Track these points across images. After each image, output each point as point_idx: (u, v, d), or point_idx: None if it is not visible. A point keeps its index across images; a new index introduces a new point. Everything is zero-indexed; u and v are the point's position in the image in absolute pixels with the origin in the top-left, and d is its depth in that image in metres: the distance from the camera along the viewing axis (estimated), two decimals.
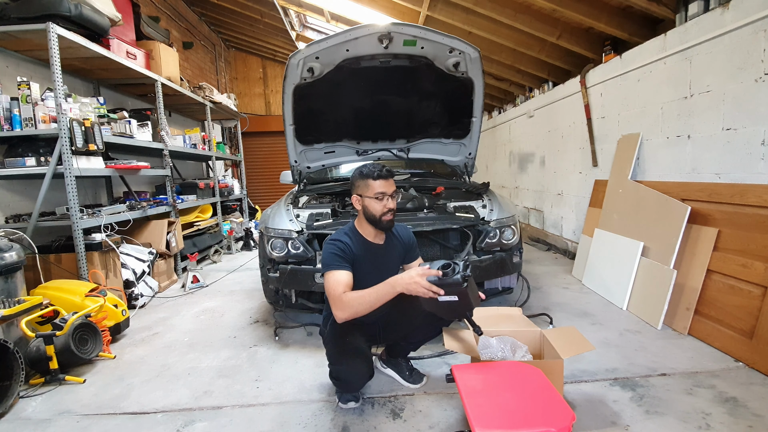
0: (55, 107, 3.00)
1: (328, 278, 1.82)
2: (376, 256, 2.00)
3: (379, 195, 1.91)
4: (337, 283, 1.79)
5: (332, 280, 1.80)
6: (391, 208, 1.93)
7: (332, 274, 1.82)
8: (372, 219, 1.94)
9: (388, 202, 1.92)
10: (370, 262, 1.95)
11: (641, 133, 3.49)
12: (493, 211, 2.93)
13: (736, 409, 1.88)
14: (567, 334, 1.98)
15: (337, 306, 1.76)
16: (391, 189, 1.94)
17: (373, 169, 1.93)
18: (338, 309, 1.75)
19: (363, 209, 1.95)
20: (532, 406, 1.42)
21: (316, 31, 7.86)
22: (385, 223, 1.94)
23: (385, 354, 2.31)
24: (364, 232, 2.01)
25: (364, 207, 1.95)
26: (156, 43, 4.62)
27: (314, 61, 3.04)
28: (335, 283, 1.79)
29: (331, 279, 1.81)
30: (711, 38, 2.75)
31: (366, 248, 1.98)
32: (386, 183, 1.93)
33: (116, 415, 2.05)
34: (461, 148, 3.90)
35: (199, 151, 5.62)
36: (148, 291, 3.82)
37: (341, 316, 1.75)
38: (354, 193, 1.98)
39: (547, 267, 4.52)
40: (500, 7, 4.08)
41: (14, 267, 2.45)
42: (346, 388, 2.02)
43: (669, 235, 2.87)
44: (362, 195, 1.94)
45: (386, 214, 1.93)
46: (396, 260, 2.12)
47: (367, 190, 1.92)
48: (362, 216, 1.98)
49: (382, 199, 1.91)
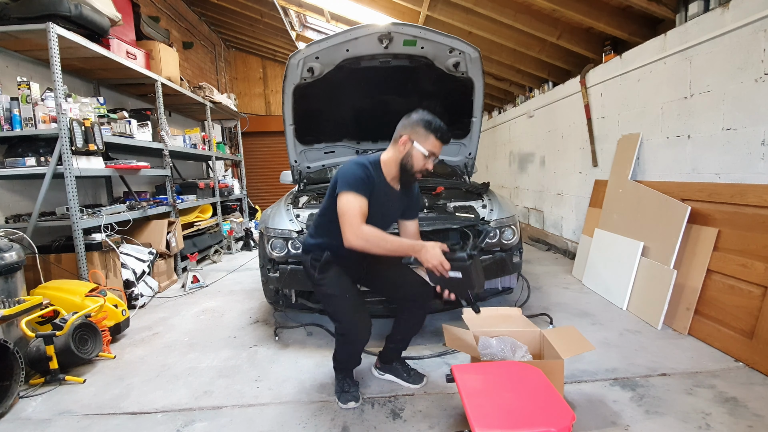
0: (55, 107, 3.00)
1: (351, 200, 1.75)
2: (386, 199, 1.96)
3: (431, 153, 1.88)
4: (360, 209, 1.76)
5: (356, 204, 1.75)
6: (429, 169, 1.92)
7: (356, 197, 1.76)
8: (406, 167, 1.90)
9: (430, 163, 1.91)
10: (378, 203, 1.89)
11: (641, 133, 3.49)
12: (493, 211, 2.93)
13: (736, 409, 1.88)
14: (567, 334, 1.98)
15: (354, 232, 1.73)
16: (440, 153, 1.92)
17: (440, 128, 1.86)
18: (354, 235, 1.73)
19: (405, 154, 1.89)
20: (532, 406, 1.42)
21: (316, 31, 7.86)
22: (415, 177, 1.93)
23: (378, 362, 2.31)
24: (387, 171, 1.94)
25: (408, 153, 1.88)
26: (156, 43, 4.62)
27: (314, 61, 3.04)
28: (358, 209, 1.75)
29: (354, 202, 1.75)
30: (711, 38, 2.75)
31: (382, 187, 1.92)
32: (442, 147, 1.92)
33: (116, 415, 2.05)
34: (461, 148, 3.90)
35: (199, 151, 5.62)
36: (148, 291, 3.82)
37: (353, 243, 1.74)
38: (405, 134, 1.88)
39: (547, 267, 4.52)
40: (500, 7, 4.08)
41: (14, 267, 2.45)
42: (355, 348, 2.02)
43: (669, 235, 2.87)
44: (415, 141, 1.87)
45: (422, 172, 1.92)
46: (398, 211, 2.10)
47: (423, 142, 1.86)
48: (397, 157, 1.91)
49: (429, 157, 1.88)
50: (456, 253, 1.70)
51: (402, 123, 1.93)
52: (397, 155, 1.92)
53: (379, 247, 1.75)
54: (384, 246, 1.75)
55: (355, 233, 1.74)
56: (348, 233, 1.74)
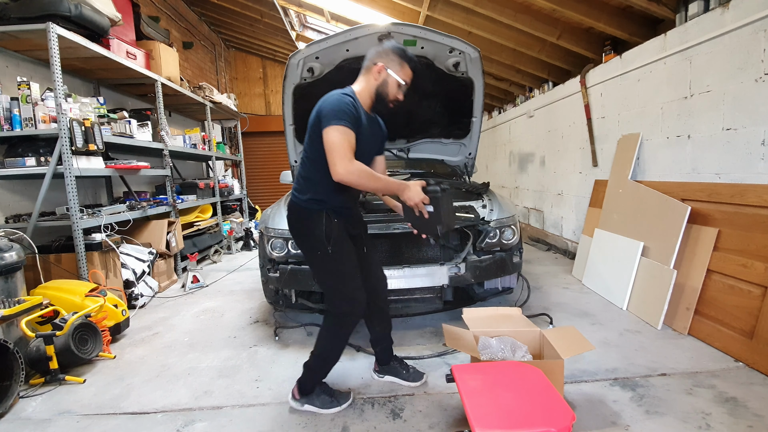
0: (55, 107, 3.00)
1: (343, 133, 1.67)
2: (370, 132, 1.91)
3: (405, 83, 1.86)
4: (350, 143, 1.69)
5: (348, 137, 1.68)
6: (400, 99, 1.89)
7: (346, 131, 1.69)
8: (381, 96, 1.86)
9: (401, 93, 1.88)
10: (365, 137, 1.84)
11: (641, 133, 3.49)
12: (493, 211, 2.93)
13: (736, 409, 1.88)
14: (567, 334, 1.98)
15: (346, 166, 1.66)
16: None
17: (413, 57, 1.85)
18: (345, 169, 1.66)
19: (380, 82, 1.85)
20: (532, 406, 1.42)
21: (316, 31, 7.86)
22: (388, 108, 1.90)
23: (377, 365, 2.30)
24: (362, 102, 1.88)
25: (383, 81, 1.84)
26: (156, 43, 4.62)
27: (314, 61, 3.04)
28: (348, 143, 1.68)
29: (346, 136, 1.68)
30: (711, 38, 2.75)
31: (365, 120, 1.85)
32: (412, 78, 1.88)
33: (116, 415, 2.05)
34: (461, 148, 3.90)
35: (199, 151, 5.62)
36: (148, 291, 3.82)
37: (344, 177, 1.67)
38: (380, 62, 1.83)
39: (547, 267, 4.52)
40: (500, 7, 4.08)
41: (14, 267, 2.45)
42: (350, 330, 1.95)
43: (669, 235, 2.87)
44: (389, 69, 1.83)
45: (394, 102, 1.89)
46: (377, 145, 2.04)
47: (399, 71, 1.84)
48: (371, 86, 1.86)
49: (402, 86, 1.86)
50: (429, 187, 1.78)
51: (374, 52, 1.87)
52: (371, 84, 1.86)
53: (368, 183, 1.72)
54: (374, 183, 1.73)
55: (347, 167, 1.66)
56: (339, 166, 1.66)
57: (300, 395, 2.01)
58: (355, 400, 2.08)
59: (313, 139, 1.80)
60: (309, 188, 1.88)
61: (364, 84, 1.89)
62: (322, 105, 1.77)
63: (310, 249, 1.92)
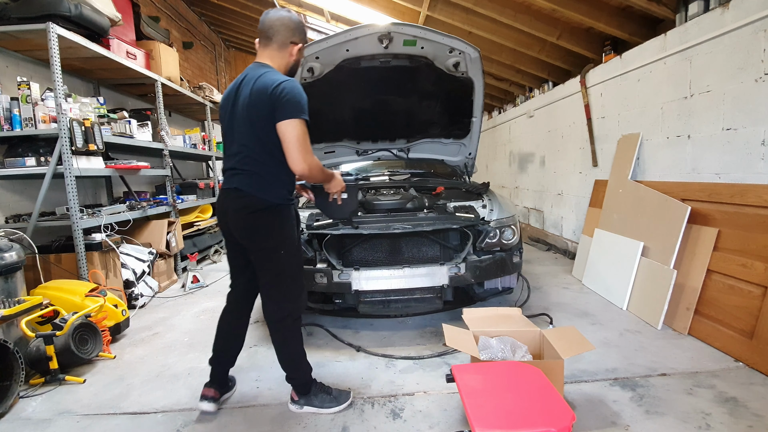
0: (55, 107, 3.00)
1: (303, 128, 1.71)
2: None
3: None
4: (307, 137, 1.73)
5: (306, 131, 1.72)
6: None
7: (304, 125, 1.72)
8: (293, 72, 1.90)
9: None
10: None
11: (641, 133, 3.49)
12: (493, 211, 2.93)
13: (736, 409, 1.88)
14: (567, 334, 1.98)
15: (307, 159, 1.71)
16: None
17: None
18: (306, 163, 1.71)
19: (295, 61, 1.88)
20: (532, 406, 1.42)
21: (316, 31, 7.85)
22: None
23: (215, 391, 2.05)
24: None
25: (296, 60, 1.89)
26: (156, 43, 4.62)
27: (314, 61, 3.04)
28: (307, 136, 1.72)
29: (305, 130, 1.72)
30: (711, 38, 2.75)
31: None
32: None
33: (116, 415, 2.05)
34: (461, 148, 3.90)
35: (199, 151, 5.62)
36: (148, 291, 3.82)
37: (303, 170, 1.72)
38: (293, 41, 1.83)
39: (547, 267, 4.52)
40: (500, 7, 4.08)
41: (14, 267, 2.45)
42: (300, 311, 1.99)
43: (669, 235, 2.87)
44: (301, 49, 1.88)
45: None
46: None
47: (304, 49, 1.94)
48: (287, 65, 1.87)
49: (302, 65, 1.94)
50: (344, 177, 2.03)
51: (284, 25, 1.82)
52: (287, 62, 1.87)
53: (320, 176, 1.85)
54: (321, 174, 1.84)
55: (308, 161, 1.71)
56: (305, 160, 1.70)
57: (299, 396, 2.01)
58: (355, 400, 2.08)
59: (268, 130, 1.72)
60: (271, 184, 1.81)
61: (278, 61, 1.84)
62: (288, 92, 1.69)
63: (273, 249, 1.85)
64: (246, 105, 1.75)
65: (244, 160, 1.80)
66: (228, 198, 1.86)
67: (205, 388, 2.02)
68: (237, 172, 1.82)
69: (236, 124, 1.80)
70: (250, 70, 1.82)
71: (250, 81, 1.76)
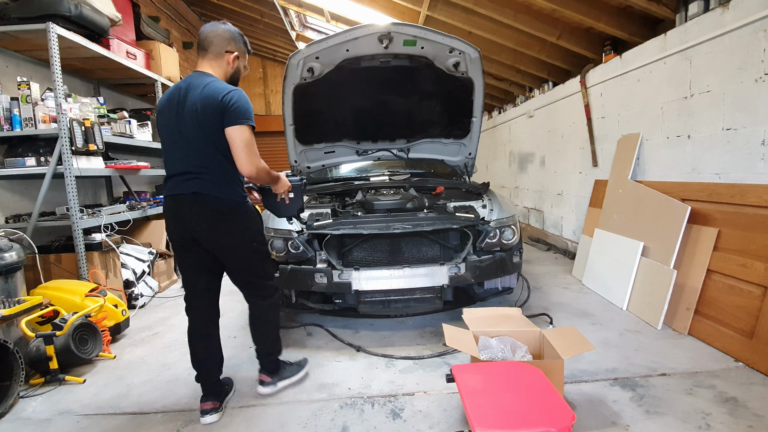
0: (55, 107, 3.00)
1: (250, 133, 1.82)
2: None
3: (247, 68, 2.10)
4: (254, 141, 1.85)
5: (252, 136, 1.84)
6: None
7: (251, 130, 1.83)
8: (235, 80, 2.00)
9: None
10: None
11: (641, 133, 3.49)
12: (493, 211, 2.93)
13: (736, 409, 1.88)
14: (567, 334, 1.98)
15: (255, 162, 1.82)
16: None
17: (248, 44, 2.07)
18: (254, 166, 1.82)
19: (234, 70, 1.99)
20: (532, 406, 1.42)
21: (316, 31, 7.86)
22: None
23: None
24: None
25: (236, 68, 2.00)
26: (156, 43, 4.62)
27: (314, 61, 3.04)
28: (254, 140, 1.85)
29: (252, 135, 1.83)
30: (711, 38, 2.75)
31: None
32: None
33: (116, 415, 2.05)
34: (461, 148, 3.90)
35: None
36: (148, 291, 3.82)
37: (251, 172, 1.83)
38: (228, 50, 1.94)
39: (547, 267, 4.52)
40: (500, 7, 4.08)
41: (14, 267, 2.45)
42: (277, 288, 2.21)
43: (669, 235, 2.87)
44: (239, 58, 1.99)
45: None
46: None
47: (244, 57, 2.04)
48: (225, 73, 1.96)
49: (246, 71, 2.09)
50: (291, 178, 2.14)
51: (218, 35, 1.93)
52: (225, 71, 1.97)
53: (265, 178, 1.94)
54: (267, 176, 1.95)
55: (255, 164, 1.83)
56: (252, 163, 1.81)
57: (271, 376, 2.17)
58: (355, 400, 2.08)
59: (219, 135, 1.82)
60: (228, 184, 1.91)
61: (218, 70, 1.95)
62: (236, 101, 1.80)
63: (247, 242, 1.99)
64: (196, 111, 1.81)
65: (199, 164, 1.86)
66: (186, 203, 1.88)
67: (202, 403, 1.99)
68: (192, 177, 1.86)
69: (185, 129, 1.85)
70: (193, 78, 1.90)
71: (197, 88, 1.83)
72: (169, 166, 1.93)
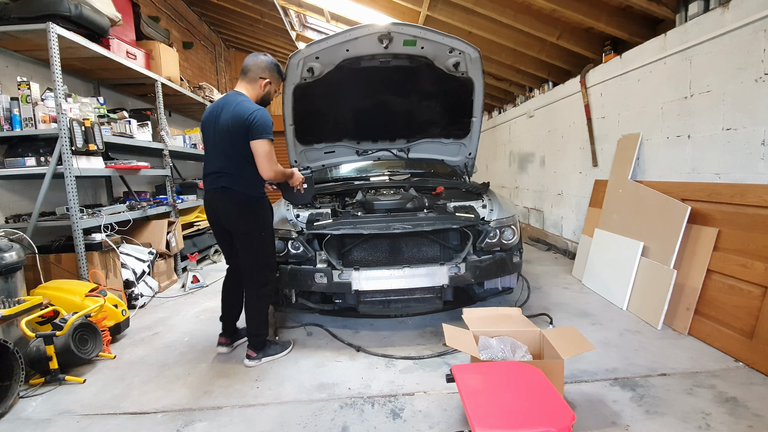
0: (55, 107, 3.00)
1: (270, 145, 2.29)
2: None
3: (278, 92, 2.59)
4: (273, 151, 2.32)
5: (272, 147, 2.31)
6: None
7: (270, 143, 2.29)
8: (265, 101, 2.48)
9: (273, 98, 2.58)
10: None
11: (641, 133, 3.49)
12: (493, 211, 2.93)
13: (736, 409, 1.88)
14: (567, 334, 1.98)
15: (274, 167, 2.31)
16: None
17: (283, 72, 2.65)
18: (273, 170, 2.31)
19: (265, 93, 2.46)
20: (532, 406, 1.42)
21: (316, 31, 7.86)
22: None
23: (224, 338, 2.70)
24: None
25: (267, 91, 2.47)
26: (156, 43, 4.62)
27: (314, 61, 3.04)
28: (272, 151, 2.31)
29: (271, 146, 2.30)
30: (711, 38, 2.75)
31: None
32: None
33: (116, 415, 2.05)
34: (461, 148, 3.90)
35: (200, 151, 5.61)
36: (148, 291, 3.82)
37: (271, 175, 2.33)
38: (261, 76, 2.42)
39: (547, 267, 4.52)
40: (500, 7, 4.08)
41: (14, 267, 2.45)
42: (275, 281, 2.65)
43: (669, 235, 2.87)
44: (271, 84, 2.47)
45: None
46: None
47: (276, 83, 2.52)
48: (256, 95, 2.44)
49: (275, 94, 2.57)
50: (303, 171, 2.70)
51: (256, 64, 2.41)
52: (257, 93, 2.44)
53: (281, 178, 2.47)
54: (283, 177, 2.49)
55: (274, 169, 2.31)
56: (271, 169, 2.30)
57: (256, 352, 2.49)
58: (355, 400, 2.08)
59: (244, 145, 2.29)
60: (255, 184, 2.41)
61: (251, 92, 2.44)
62: (258, 119, 2.25)
63: (258, 230, 2.43)
64: (227, 125, 2.31)
65: (228, 166, 2.36)
66: (217, 195, 2.41)
67: (220, 337, 2.69)
68: (223, 174, 2.37)
69: (219, 138, 2.35)
70: (230, 96, 2.40)
71: (230, 105, 2.32)
72: (207, 166, 2.47)
